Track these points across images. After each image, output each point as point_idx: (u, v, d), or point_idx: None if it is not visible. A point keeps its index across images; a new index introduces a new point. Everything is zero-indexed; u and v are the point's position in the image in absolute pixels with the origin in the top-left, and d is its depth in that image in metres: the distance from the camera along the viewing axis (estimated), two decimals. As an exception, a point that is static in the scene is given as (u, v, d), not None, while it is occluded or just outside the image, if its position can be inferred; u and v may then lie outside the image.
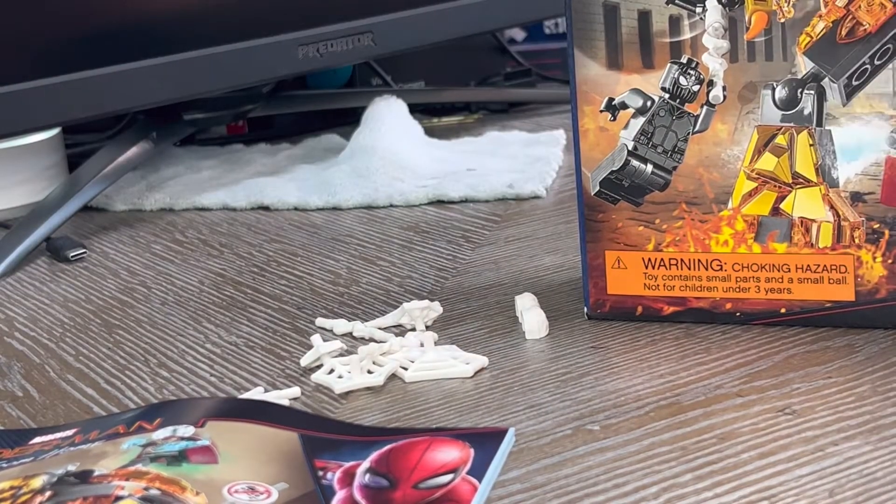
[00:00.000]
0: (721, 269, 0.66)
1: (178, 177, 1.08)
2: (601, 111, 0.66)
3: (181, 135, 1.10)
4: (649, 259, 0.67)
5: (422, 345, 0.66)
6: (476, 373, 0.63)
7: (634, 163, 0.66)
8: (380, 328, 0.70)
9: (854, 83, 0.63)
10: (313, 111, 1.23)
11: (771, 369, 0.60)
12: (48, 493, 0.49)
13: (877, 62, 0.62)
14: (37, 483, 0.50)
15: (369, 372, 0.63)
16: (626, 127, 0.66)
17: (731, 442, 0.53)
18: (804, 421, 0.55)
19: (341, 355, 0.66)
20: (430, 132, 1.12)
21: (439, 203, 0.95)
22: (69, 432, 0.56)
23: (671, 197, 0.66)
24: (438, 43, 1.15)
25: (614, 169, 0.66)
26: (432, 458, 0.52)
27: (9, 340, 0.74)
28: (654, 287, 0.67)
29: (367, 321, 0.71)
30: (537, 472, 0.52)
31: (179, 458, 0.51)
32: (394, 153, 1.02)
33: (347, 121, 1.19)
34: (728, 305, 0.66)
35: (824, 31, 0.63)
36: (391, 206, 0.96)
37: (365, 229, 0.90)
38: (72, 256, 0.89)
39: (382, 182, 0.98)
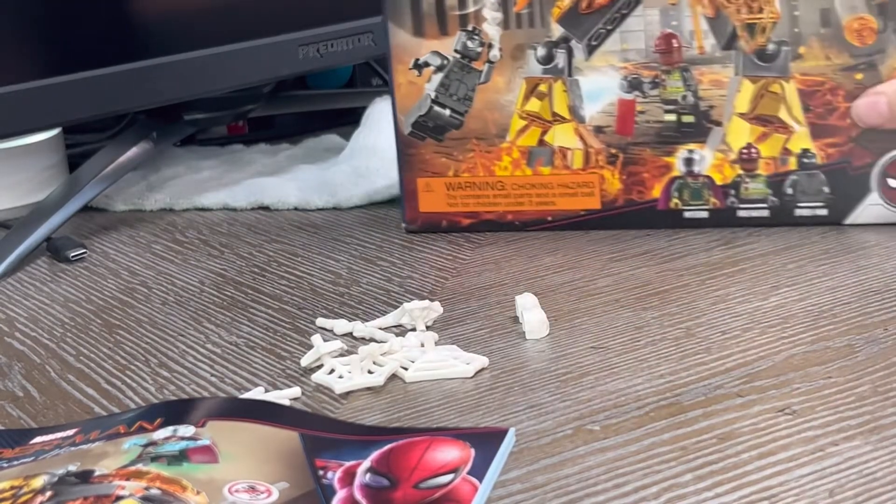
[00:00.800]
0: (503, 188, 0.84)
1: (178, 177, 1.08)
2: (410, 69, 0.84)
3: (181, 135, 1.10)
4: (450, 183, 0.85)
5: (422, 345, 0.66)
6: (476, 373, 0.63)
7: (436, 108, 0.84)
8: (380, 328, 0.70)
9: (593, 43, 0.81)
10: (313, 111, 1.23)
11: (771, 369, 0.60)
12: (49, 493, 0.49)
13: (609, 27, 0.81)
14: (37, 483, 0.50)
15: (370, 372, 0.63)
16: (429, 81, 0.84)
17: (731, 442, 0.53)
18: (804, 421, 0.55)
19: (341, 355, 0.66)
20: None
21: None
22: (70, 432, 0.56)
23: (465, 134, 0.84)
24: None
25: (421, 114, 0.84)
26: (433, 457, 0.52)
27: (9, 340, 0.74)
28: (454, 205, 0.85)
29: (367, 321, 0.71)
30: (537, 472, 0.52)
31: (180, 457, 0.51)
32: (394, 153, 1.02)
33: (347, 121, 1.18)
34: (509, 216, 0.85)
35: (570, 4, 0.81)
36: (391, 203, 0.96)
37: (365, 229, 0.90)
38: (72, 256, 0.89)
39: (382, 182, 0.98)
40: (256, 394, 0.62)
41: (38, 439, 0.56)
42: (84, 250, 0.90)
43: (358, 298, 0.75)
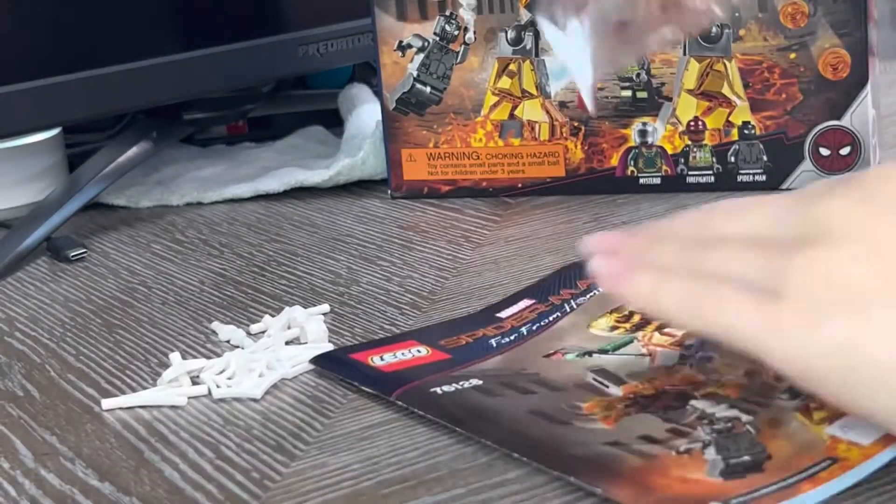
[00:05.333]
0: (478, 158, 0.93)
1: (179, 176, 1.08)
2: (394, 50, 0.93)
3: (181, 135, 1.10)
4: (431, 154, 0.94)
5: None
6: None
7: (418, 86, 0.93)
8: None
9: None
10: (313, 111, 1.23)
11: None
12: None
13: None
14: None
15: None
16: (411, 61, 0.93)
17: (731, 442, 0.53)
18: (804, 421, 0.55)
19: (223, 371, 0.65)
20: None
21: (439, 203, 0.95)
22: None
23: (443, 109, 0.93)
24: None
25: (405, 91, 0.93)
26: None
27: (9, 340, 0.74)
28: (434, 173, 0.94)
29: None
30: (538, 473, 0.52)
31: None
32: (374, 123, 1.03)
33: (347, 121, 1.18)
34: (484, 184, 0.94)
35: None
36: (391, 204, 0.96)
37: (365, 229, 0.90)
38: (72, 256, 0.89)
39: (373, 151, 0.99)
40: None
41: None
42: (84, 250, 0.90)
43: (358, 298, 0.75)
